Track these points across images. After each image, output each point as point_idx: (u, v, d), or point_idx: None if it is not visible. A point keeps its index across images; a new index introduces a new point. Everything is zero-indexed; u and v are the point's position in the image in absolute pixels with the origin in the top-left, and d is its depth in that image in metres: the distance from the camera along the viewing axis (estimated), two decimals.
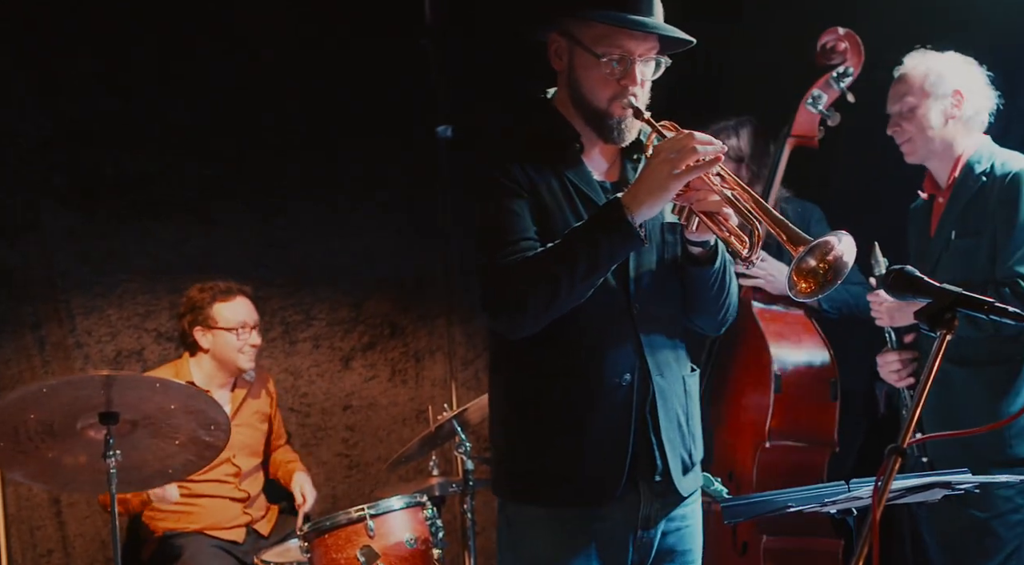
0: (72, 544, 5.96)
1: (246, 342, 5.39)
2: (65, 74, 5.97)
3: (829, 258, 2.89)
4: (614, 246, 3.02)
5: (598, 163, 3.27)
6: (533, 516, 3.25)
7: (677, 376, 3.27)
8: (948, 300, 2.65)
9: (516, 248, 3.08)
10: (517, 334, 3.13)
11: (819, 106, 4.94)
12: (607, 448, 3.16)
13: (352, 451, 6.51)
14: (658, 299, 3.23)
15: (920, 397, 2.54)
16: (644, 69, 3.15)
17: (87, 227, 6.02)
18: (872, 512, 2.44)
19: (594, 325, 3.15)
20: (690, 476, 3.30)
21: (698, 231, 3.10)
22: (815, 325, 4.84)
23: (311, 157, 6.33)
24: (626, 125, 3.17)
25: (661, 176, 2.96)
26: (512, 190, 3.12)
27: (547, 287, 3.02)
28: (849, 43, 4.87)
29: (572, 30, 3.16)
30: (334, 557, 4.65)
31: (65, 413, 4.32)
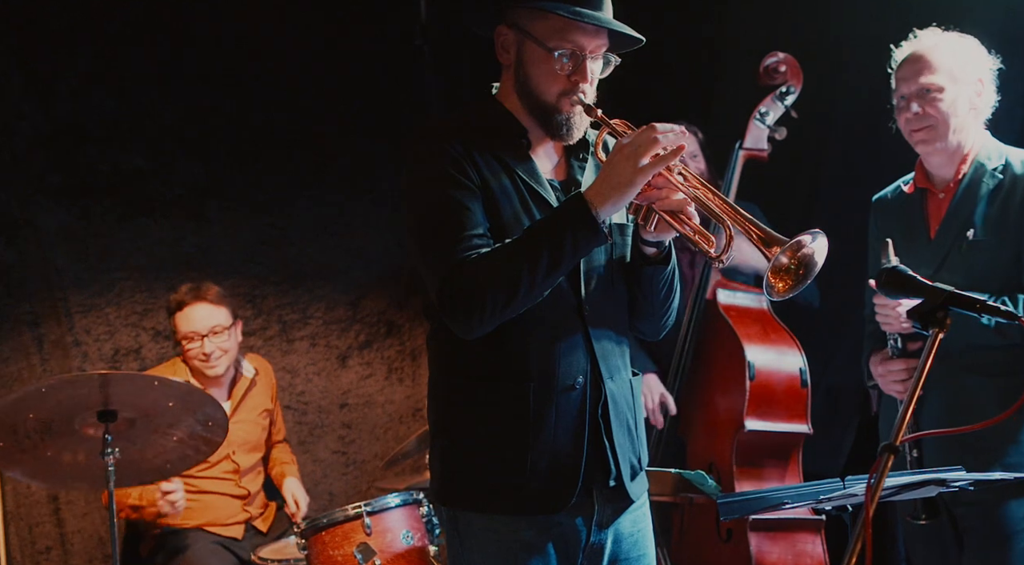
0: (70, 541, 5.97)
1: (199, 351, 5.30)
2: (61, 73, 5.98)
3: (800, 254, 2.84)
4: (578, 243, 2.92)
5: (545, 161, 3.19)
6: (484, 525, 3.13)
7: (625, 380, 3.20)
8: (940, 299, 2.66)
9: (470, 244, 2.96)
10: (472, 333, 2.99)
11: (767, 122, 5.12)
12: (561, 454, 3.06)
13: (349, 448, 6.52)
14: (607, 301, 3.15)
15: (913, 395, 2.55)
16: (594, 66, 3.08)
17: (84, 225, 6.02)
18: (865, 509, 2.45)
19: (545, 326, 3.05)
20: (639, 480, 3.22)
21: (657, 231, 3.03)
22: (778, 320, 4.99)
23: (307, 156, 6.34)
24: (575, 122, 3.10)
25: (626, 171, 2.88)
26: (462, 183, 3.01)
27: (507, 285, 2.91)
28: (788, 66, 5.08)
29: (522, 23, 3.07)
30: (331, 554, 4.65)
31: (63, 412, 4.33)
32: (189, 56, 6.12)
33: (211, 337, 5.28)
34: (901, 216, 4.29)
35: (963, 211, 4.09)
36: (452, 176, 3.01)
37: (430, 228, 3.04)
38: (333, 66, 6.28)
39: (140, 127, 6.11)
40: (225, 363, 5.34)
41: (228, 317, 5.36)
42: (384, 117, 6.31)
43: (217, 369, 5.31)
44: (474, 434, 3.11)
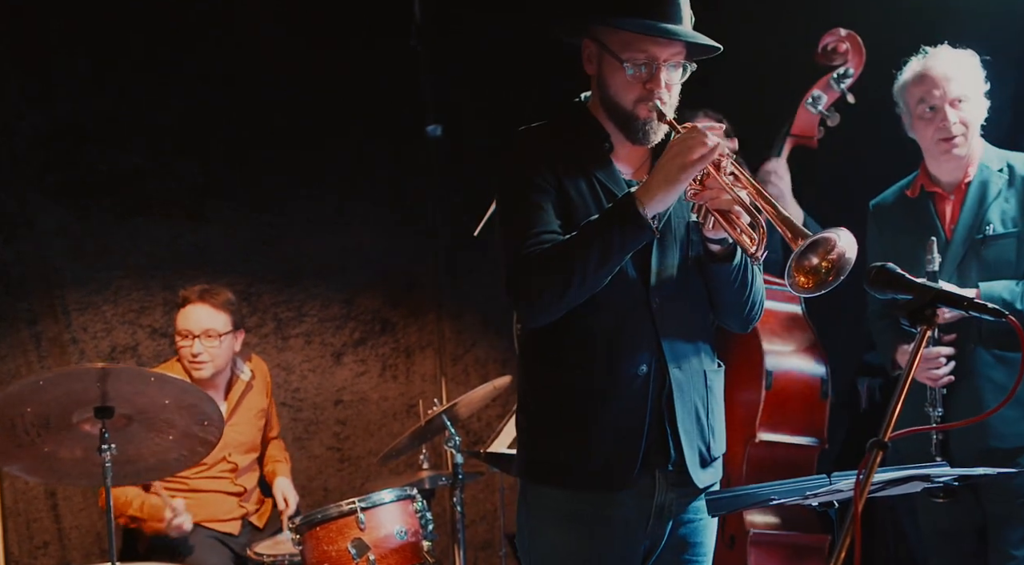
0: (68, 536, 5.96)
1: (189, 350, 5.27)
2: (59, 73, 5.97)
3: (832, 256, 2.93)
4: (625, 237, 3.08)
5: (628, 164, 3.33)
6: (550, 498, 3.32)
7: (697, 370, 3.31)
8: (929, 296, 2.66)
9: (537, 240, 3.15)
10: (534, 322, 3.23)
11: (819, 107, 4.94)
12: (621, 435, 3.22)
13: (343, 445, 6.51)
14: (679, 295, 3.28)
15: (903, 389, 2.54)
16: (671, 73, 3.22)
17: (81, 224, 6.02)
18: (854, 505, 2.44)
19: (612, 317, 3.21)
20: (709, 470, 3.33)
21: (714, 229, 3.15)
22: (809, 323, 4.82)
23: (303, 155, 6.33)
24: (652, 127, 3.23)
25: (671, 169, 3.03)
26: (539, 186, 3.20)
27: (561, 277, 3.09)
28: (851, 44, 4.87)
29: (601, 36, 3.23)
30: (325, 549, 4.65)
31: (61, 407, 4.31)
32: (187, 56, 6.11)
33: (203, 339, 5.25)
34: (908, 219, 4.45)
35: (978, 210, 4.30)
36: (529, 179, 3.21)
37: (506, 226, 3.27)
38: (329, 66, 6.27)
39: (138, 127, 6.10)
40: (211, 369, 5.28)
41: (226, 324, 5.31)
42: (380, 117, 6.30)
43: (202, 372, 5.25)
44: (545, 413, 3.32)
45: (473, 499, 6.41)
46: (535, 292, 3.14)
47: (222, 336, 5.28)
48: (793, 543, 4.65)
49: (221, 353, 5.30)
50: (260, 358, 5.73)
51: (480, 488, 6.50)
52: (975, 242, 4.28)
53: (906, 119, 4.39)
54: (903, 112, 4.39)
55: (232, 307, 5.37)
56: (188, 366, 5.27)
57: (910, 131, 4.39)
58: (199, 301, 5.29)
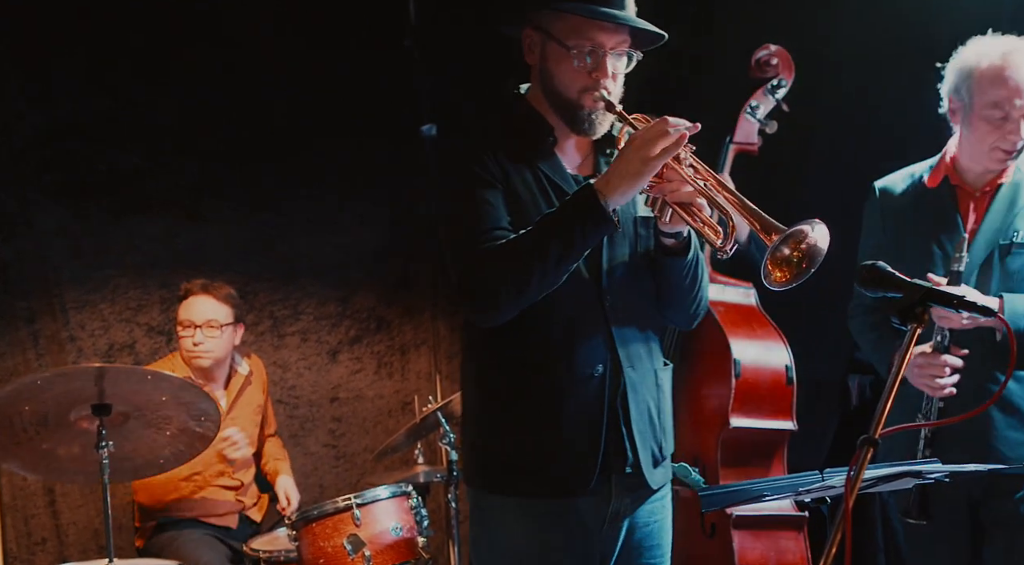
0: (65, 532, 5.95)
1: (191, 339, 5.29)
2: (58, 73, 5.95)
3: (803, 246, 2.85)
4: (587, 231, 2.98)
5: (571, 156, 3.24)
6: (505, 506, 3.21)
7: (649, 369, 3.23)
8: (919, 295, 2.66)
9: (489, 237, 3.04)
10: (489, 322, 3.09)
11: (757, 115, 5.03)
12: (579, 440, 3.12)
13: (339, 442, 6.51)
14: (630, 292, 3.19)
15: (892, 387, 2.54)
16: (616, 62, 3.12)
17: (79, 223, 6.01)
18: (844, 501, 2.44)
19: (565, 317, 3.11)
20: (660, 469, 3.26)
21: (671, 222, 3.06)
22: (766, 316, 4.92)
23: (298, 155, 6.32)
24: (597, 117, 3.14)
25: (635, 161, 2.93)
26: (486, 180, 3.09)
27: (519, 274, 2.98)
28: (780, 58, 4.98)
29: (544, 24, 3.13)
30: (321, 545, 4.65)
31: (59, 405, 4.31)
32: (185, 57, 6.09)
33: (204, 329, 5.27)
34: (921, 209, 4.15)
35: (1006, 214, 4.01)
36: (475, 173, 3.09)
37: (453, 223, 3.14)
38: (326, 66, 6.26)
39: (137, 127, 6.09)
40: (211, 360, 5.31)
41: (228, 316, 5.35)
42: (376, 117, 6.29)
43: (202, 362, 5.29)
44: (498, 419, 3.20)
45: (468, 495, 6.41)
46: (491, 290, 3.02)
47: (223, 327, 5.31)
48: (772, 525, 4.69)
49: (221, 344, 5.32)
50: (258, 357, 5.73)
51: None
52: (1000, 247, 4.00)
53: (957, 105, 4.02)
54: (958, 99, 4.01)
55: (234, 300, 5.40)
56: (188, 355, 5.29)
57: (957, 117, 4.05)
58: (202, 293, 5.33)
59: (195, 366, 5.29)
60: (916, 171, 4.23)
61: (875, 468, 3.01)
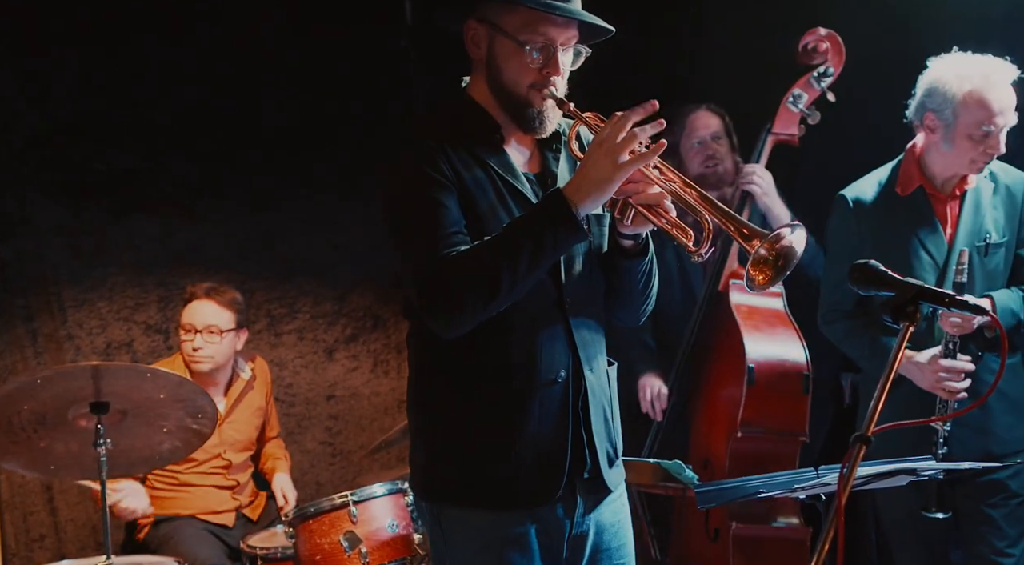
0: (64, 529, 5.95)
1: (191, 344, 5.27)
2: (56, 73, 5.95)
3: (778, 246, 2.78)
4: (559, 240, 2.86)
5: (518, 154, 3.11)
6: (467, 520, 3.08)
7: (602, 369, 3.15)
8: (911, 293, 2.67)
9: (449, 243, 2.89)
10: (453, 333, 2.93)
11: (800, 105, 4.90)
12: (545, 448, 3.02)
13: (335, 439, 6.51)
14: (586, 291, 3.10)
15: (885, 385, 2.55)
16: (564, 58, 3.00)
17: (77, 222, 6.00)
18: (837, 498, 2.45)
19: (526, 321, 3.00)
20: (615, 469, 3.18)
21: (634, 224, 2.97)
22: (791, 319, 4.78)
23: (294, 154, 6.31)
24: (547, 115, 3.03)
25: (605, 167, 2.82)
26: (437, 181, 2.94)
27: (488, 283, 2.85)
28: (831, 44, 4.83)
29: (492, 17, 3.00)
30: (318, 542, 4.64)
31: (57, 403, 4.31)
32: (181, 58, 6.08)
33: (205, 334, 5.26)
34: (897, 217, 4.31)
35: (979, 216, 4.24)
36: (426, 174, 2.94)
37: (407, 227, 2.98)
38: (321, 67, 6.25)
39: (133, 127, 6.08)
40: (210, 365, 5.29)
41: (230, 322, 5.32)
42: (371, 117, 6.29)
43: (201, 366, 5.27)
44: (457, 430, 3.06)
45: None
46: (457, 301, 2.86)
47: (224, 333, 5.29)
48: (776, 535, 4.65)
49: (222, 350, 5.30)
50: (263, 360, 5.73)
51: None
52: (977, 249, 4.22)
53: (937, 124, 4.20)
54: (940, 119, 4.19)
55: (238, 306, 5.38)
56: (188, 360, 5.28)
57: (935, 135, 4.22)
58: (205, 297, 5.31)
59: (194, 370, 5.27)
60: (879, 178, 4.40)
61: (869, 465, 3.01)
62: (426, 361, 3.15)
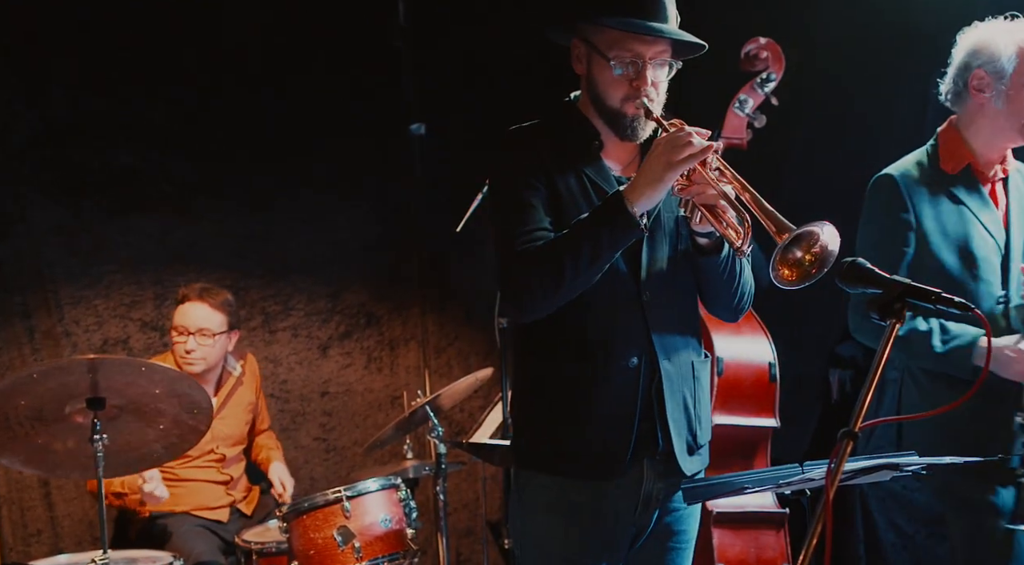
0: (60, 524, 5.94)
1: (183, 346, 5.26)
2: (54, 74, 5.94)
3: (815, 249, 2.91)
4: (615, 235, 3.07)
5: (618, 160, 3.32)
6: (542, 486, 3.30)
7: (686, 361, 3.30)
8: (898, 291, 2.66)
9: (529, 238, 3.14)
10: (527, 317, 3.20)
11: (746, 109, 4.97)
12: (613, 426, 3.21)
13: (329, 435, 6.50)
14: (669, 289, 3.27)
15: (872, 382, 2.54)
16: (657, 71, 3.22)
17: (74, 221, 6.00)
18: (825, 493, 2.44)
19: (603, 311, 3.20)
20: (695, 457, 3.33)
21: (700, 223, 3.14)
22: (754, 313, 4.84)
23: (290, 154, 6.31)
24: (639, 124, 3.23)
25: (658, 168, 3.02)
26: (530, 184, 3.19)
27: (552, 274, 3.08)
28: (770, 51, 4.92)
29: (588, 36, 3.23)
30: (312, 536, 4.64)
31: (53, 399, 4.29)
32: (178, 58, 6.08)
33: (197, 337, 5.24)
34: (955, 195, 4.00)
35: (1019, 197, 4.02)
36: (521, 177, 3.20)
37: (500, 224, 3.24)
38: (317, 67, 6.25)
39: (130, 126, 6.08)
40: (202, 367, 5.27)
41: (222, 324, 5.31)
42: (366, 117, 6.28)
43: (193, 368, 5.24)
44: (538, 405, 3.30)
45: (456, 488, 6.41)
46: (527, 289, 3.12)
47: (216, 336, 5.28)
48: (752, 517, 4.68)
49: (214, 352, 5.30)
50: (252, 356, 5.72)
51: (462, 477, 6.50)
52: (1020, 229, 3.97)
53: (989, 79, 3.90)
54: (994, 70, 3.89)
55: (230, 308, 5.37)
56: (181, 361, 5.26)
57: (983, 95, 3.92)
58: (198, 299, 5.29)
59: (186, 371, 5.22)
60: (918, 159, 4.08)
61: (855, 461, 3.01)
62: (522, 342, 3.40)
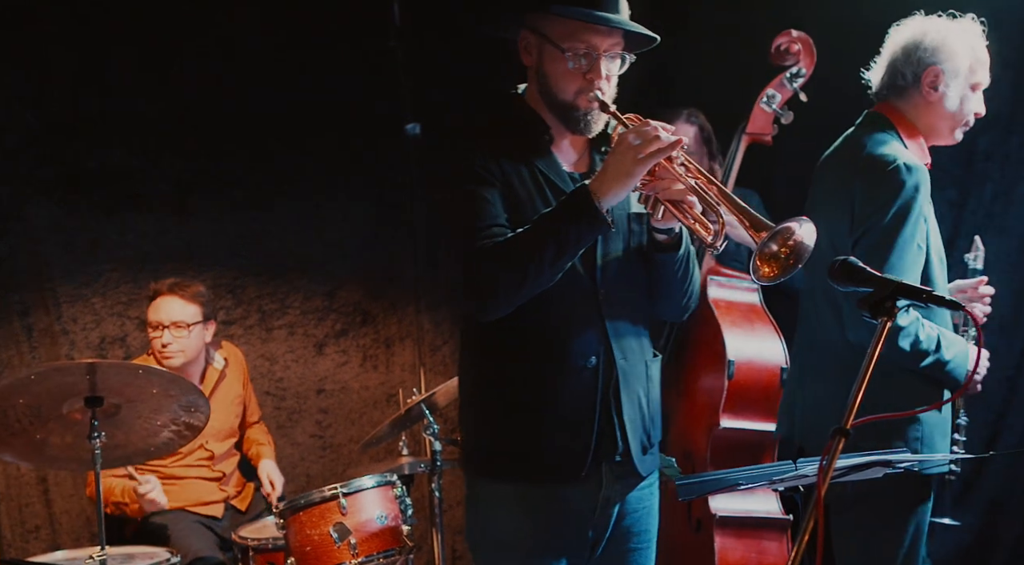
0: (58, 520, 5.93)
1: (159, 341, 5.26)
2: (51, 72, 5.93)
3: (790, 242, 2.88)
4: (581, 231, 3.01)
5: (567, 154, 3.25)
6: (500, 492, 3.24)
7: (640, 360, 3.26)
8: (889, 289, 2.67)
9: (488, 234, 3.06)
10: (488, 316, 3.11)
11: (773, 105, 4.92)
12: (572, 428, 3.15)
13: (326, 433, 6.50)
14: (624, 285, 3.22)
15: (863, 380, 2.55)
16: (609, 65, 3.14)
17: (72, 219, 5.98)
18: (817, 489, 2.45)
19: (561, 309, 3.13)
20: (649, 457, 3.30)
21: (663, 219, 3.09)
22: (767, 314, 4.83)
23: (286, 153, 6.30)
24: (592, 117, 3.16)
25: (625, 162, 2.95)
26: (484, 179, 3.11)
27: (516, 271, 3.00)
28: (802, 45, 4.86)
29: (540, 26, 3.14)
30: (308, 533, 4.64)
31: (52, 397, 4.30)
32: (175, 56, 6.07)
33: (172, 330, 5.25)
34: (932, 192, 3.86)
35: None
36: (475, 172, 3.12)
37: (454, 220, 3.16)
38: (312, 67, 6.24)
39: (127, 125, 6.07)
40: (181, 359, 5.28)
41: (196, 315, 5.31)
42: (361, 116, 6.28)
43: (172, 362, 5.25)
44: (493, 407, 3.23)
45: (451, 485, 6.39)
46: (491, 286, 3.04)
47: (191, 326, 5.28)
48: (756, 523, 4.66)
49: (191, 344, 5.29)
50: (232, 344, 5.71)
51: (458, 474, 6.47)
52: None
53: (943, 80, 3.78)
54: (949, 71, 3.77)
55: (202, 299, 5.35)
56: (159, 356, 5.26)
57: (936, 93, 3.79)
58: (169, 293, 5.29)
59: (166, 366, 5.22)
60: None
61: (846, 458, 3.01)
62: (471, 341, 3.33)
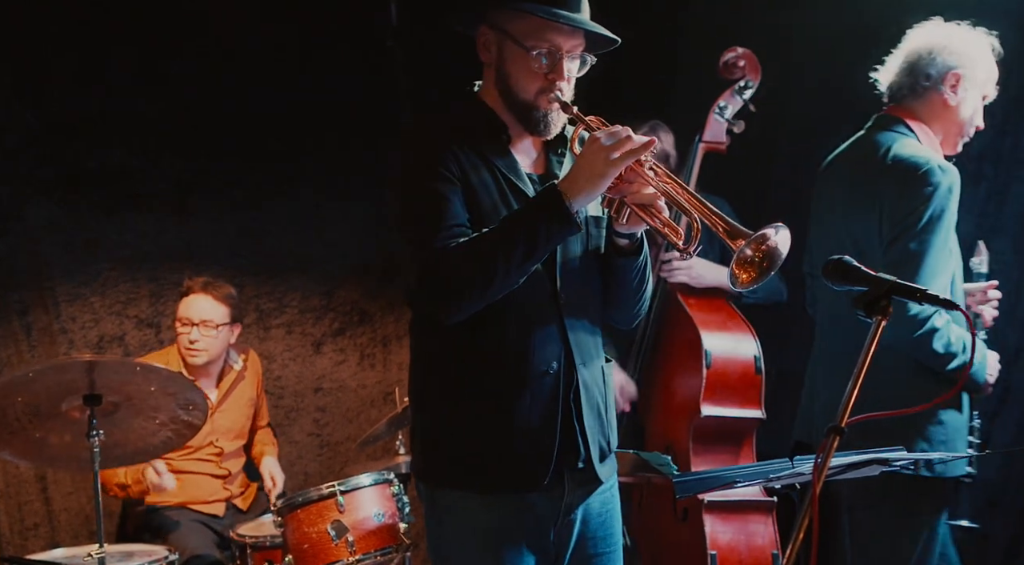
0: (57, 518, 5.93)
1: (187, 337, 5.29)
2: (50, 72, 5.93)
3: (764, 247, 2.83)
4: (551, 232, 2.93)
5: (524, 155, 3.18)
6: (459, 502, 3.14)
7: (597, 365, 3.20)
8: (884, 288, 2.66)
9: (450, 234, 2.96)
10: (452, 318, 2.99)
11: (726, 115, 5.01)
12: (535, 435, 3.07)
13: (323, 431, 6.50)
14: (582, 290, 3.15)
15: (857, 379, 2.55)
16: (570, 65, 3.08)
17: (71, 218, 5.99)
18: (812, 487, 2.45)
19: (521, 314, 3.05)
20: (607, 462, 3.24)
21: (628, 223, 3.04)
22: (735, 308, 4.94)
23: (284, 153, 6.30)
24: (552, 118, 3.10)
25: (597, 163, 2.89)
26: (444, 176, 3.00)
27: (483, 273, 2.91)
28: (747, 60, 4.97)
29: (502, 23, 3.07)
30: (306, 531, 4.64)
31: (51, 395, 4.29)
32: (174, 56, 6.07)
33: (200, 328, 5.27)
34: None
35: None
36: (433, 170, 3.00)
37: (412, 219, 3.05)
38: (310, 66, 6.24)
39: (126, 125, 6.07)
40: (205, 358, 5.31)
41: (225, 316, 5.35)
42: (359, 117, 6.28)
43: (196, 359, 5.29)
44: (453, 415, 3.11)
45: None
46: (455, 288, 2.93)
47: (219, 327, 5.31)
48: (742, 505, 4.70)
49: (217, 343, 5.32)
50: (255, 353, 5.73)
51: None
52: None
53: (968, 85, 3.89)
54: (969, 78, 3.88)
55: (232, 301, 5.40)
56: (184, 352, 5.29)
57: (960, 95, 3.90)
58: (201, 291, 5.32)
59: (189, 363, 5.29)
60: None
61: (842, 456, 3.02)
62: (425, 348, 3.21)
